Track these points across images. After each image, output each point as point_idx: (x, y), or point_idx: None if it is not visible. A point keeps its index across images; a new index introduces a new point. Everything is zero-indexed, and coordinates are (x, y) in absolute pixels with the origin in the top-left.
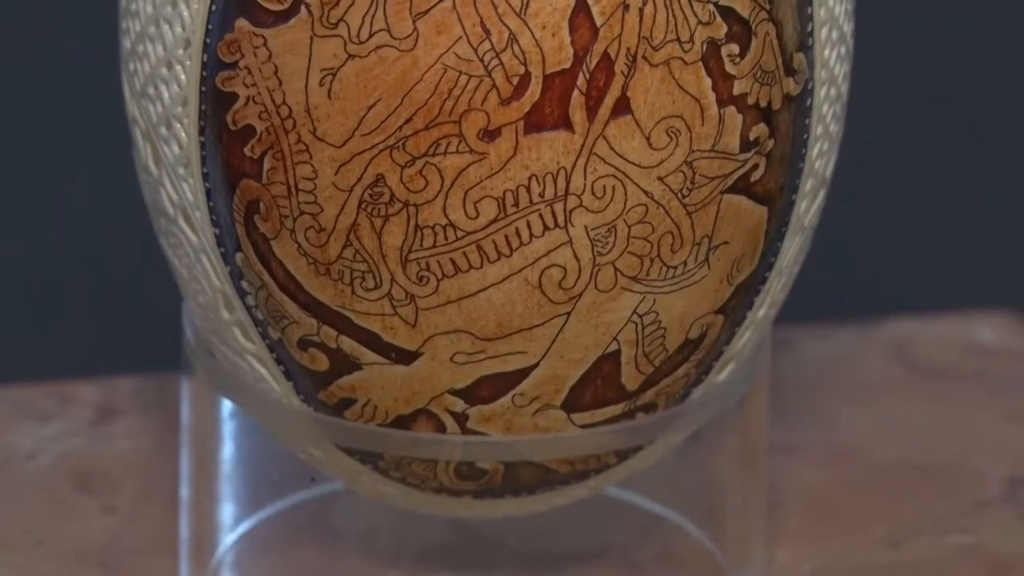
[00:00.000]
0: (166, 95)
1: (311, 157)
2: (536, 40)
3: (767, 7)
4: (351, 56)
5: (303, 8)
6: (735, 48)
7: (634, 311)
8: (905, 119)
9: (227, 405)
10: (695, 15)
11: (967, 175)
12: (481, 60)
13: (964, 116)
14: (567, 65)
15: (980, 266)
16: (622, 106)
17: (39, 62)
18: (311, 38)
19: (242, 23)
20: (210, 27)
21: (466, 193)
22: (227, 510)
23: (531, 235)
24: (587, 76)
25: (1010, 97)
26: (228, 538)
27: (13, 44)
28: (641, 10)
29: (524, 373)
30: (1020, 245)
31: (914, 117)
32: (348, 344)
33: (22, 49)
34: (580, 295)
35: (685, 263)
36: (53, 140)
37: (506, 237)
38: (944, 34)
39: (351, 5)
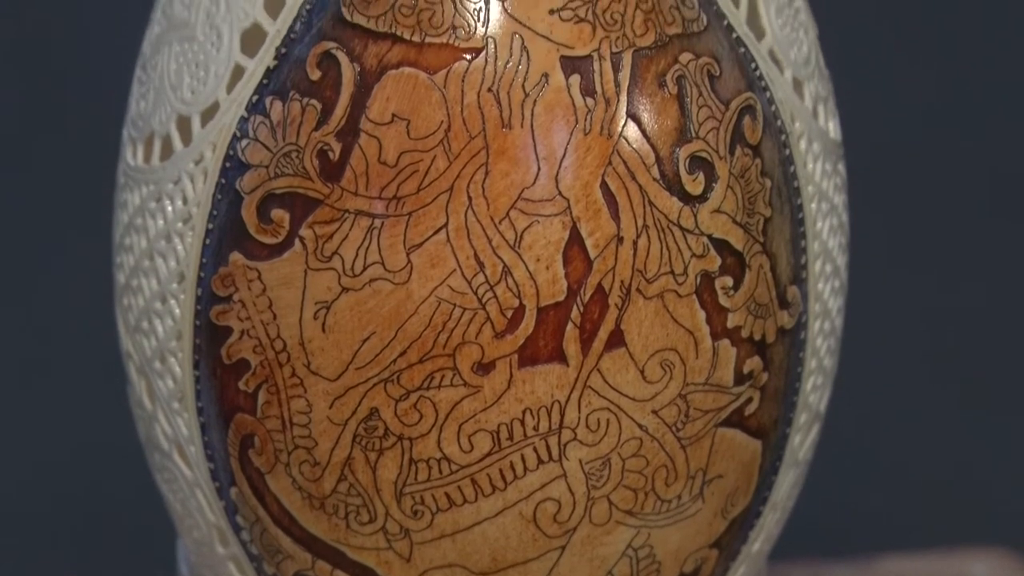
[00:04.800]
0: (160, 329)
1: (305, 391)
2: (530, 273)
3: (761, 240)
4: (345, 289)
5: (297, 241)
6: (729, 281)
7: (628, 545)
8: (898, 356)
9: None
10: (689, 248)
11: (961, 414)
12: (475, 293)
13: (958, 351)
14: (561, 298)
15: (974, 504)
16: (616, 339)
17: (33, 300)
18: (305, 271)
19: (236, 256)
20: (204, 261)
21: (460, 427)
22: None
23: (525, 469)
24: (581, 309)
25: (1000, 329)
26: None
27: (9, 278)
28: (635, 243)
29: None
30: (1012, 483)
31: (908, 353)
32: None
33: (16, 286)
34: (574, 529)
35: (679, 496)
36: (47, 376)
37: (500, 471)
38: (937, 268)
39: (345, 238)
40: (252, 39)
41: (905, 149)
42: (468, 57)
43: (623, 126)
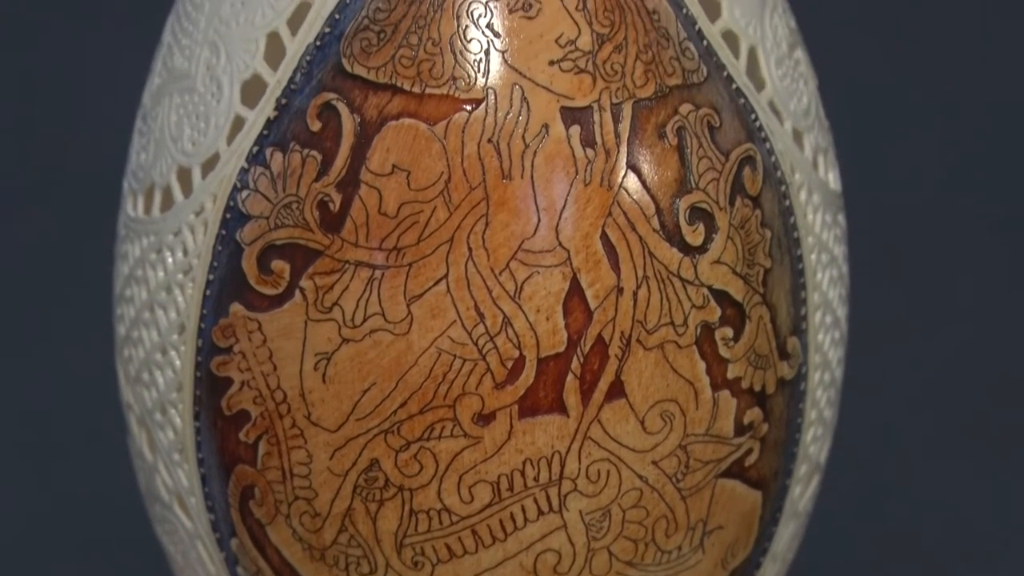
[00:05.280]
0: (161, 381)
1: (306, 442)
2: (530, 324)
3: (761, 291)
4: (346, 340)
5: (297, 292)
6: (729, 332)
7: None
8: (899, 407)
9: None
10: (689, 299)
11: (963, 467)
12: (475, 344)
13: (959, 403)
14: (561, 349)
15: (975, 558)
16: (616, 390)
17: (33, 352)
18: (305, 322)
19: (236, 307)
20: (204, 312)
21: (461, 477)
22: None
23: (525, 519)
24: (581, 360)
25: (1002, 381)
26: None
27: (10, 330)
28: (635, 293)
29: None
30: (1014, 538)
31: (909, 405)
32: None
33: (17, 338)
34: None
35: (680, 548)
36: (47, 427)
37: (500, 522)
38: (937, 319)
39: (345, 289)
40: (252, 90)
41: (905, 200)
42: (468, 108)
43: (623, 177)
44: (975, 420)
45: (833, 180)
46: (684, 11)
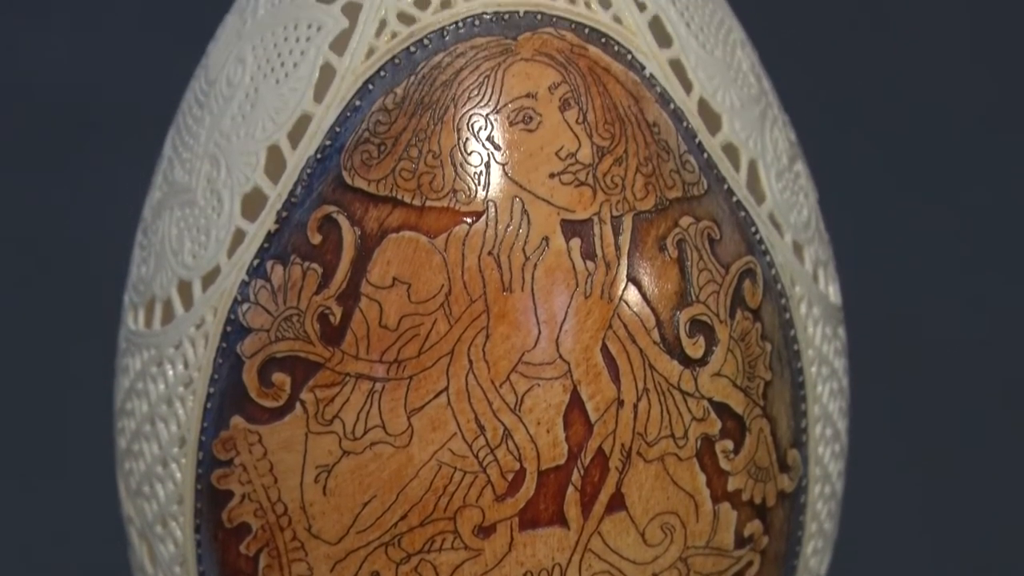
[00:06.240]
0: (161, 494)
1: (306, 555)
2: (531, 436)
3: (761, 403)
4: (346, 453)
5: (298, 405)
6: (729, 444)
7: None
8: (899, 521)
9: None
10: (689, 411)
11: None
12: (476, 456)
13: (961, 520)
14: (561, 461)
15: None
16: (617, 502)
17: (34, 466)
18: (306, 435)
19: (237, 420)
20: (205, 425)
21: None
22: None
23: None
24: (582, 472)
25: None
26: None
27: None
28: (635, 406)
29: None
30: None
31: (909, 519)
32: None
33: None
34: None
35: None
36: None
37: None
38: (938, 434)
39: (346, 402)
40: (253, 203)
41: (905, 314)
42: (469, 220)
43: (623, 290)
44: (977, 537)
45: (833, 293)
46: (684, 124)
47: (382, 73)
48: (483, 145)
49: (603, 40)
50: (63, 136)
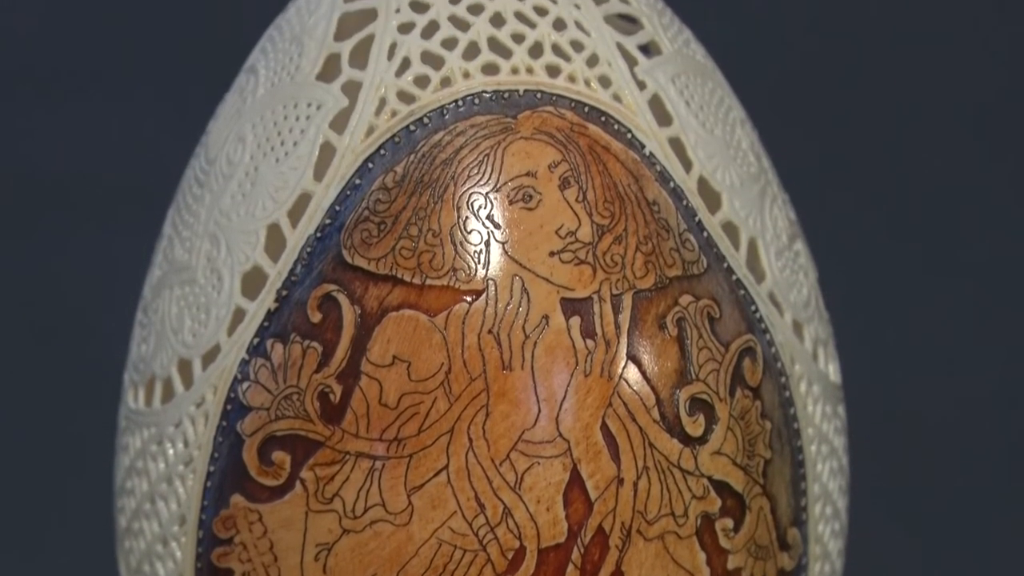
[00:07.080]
0: (161, 572)
1: None
2: (531, 514)
3: (761, 481)
4: (346, 531)
5: (298, 483)
6: (729, 522)
7: None
8: None
9: None
10: (689, 489)
11: None
12: (476, 534)
13: None
14: (562, 539)
15: None
16: None
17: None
18: (306, 513)
19: (237, 499)
20: (205, 503)
21: None
22: None
23: None
24: (582, 550)
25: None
26: None
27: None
28: (635, 484)
29: None
30: None
31: None
32: None
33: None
34: None
35: None
36: None
37: None
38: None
39: (346, 480)
40: (253, 281)
41: (905, 392)
42: (469, 299)
43: (623, 368)
44: None
45: (833, 372)
46: (684, 202)
47: (382, 151)
48: (483, 223)
49: (603, 118)
50: (63, 213)
